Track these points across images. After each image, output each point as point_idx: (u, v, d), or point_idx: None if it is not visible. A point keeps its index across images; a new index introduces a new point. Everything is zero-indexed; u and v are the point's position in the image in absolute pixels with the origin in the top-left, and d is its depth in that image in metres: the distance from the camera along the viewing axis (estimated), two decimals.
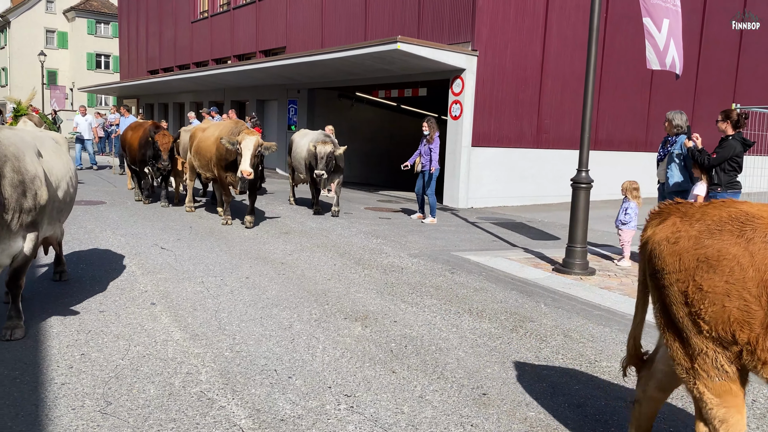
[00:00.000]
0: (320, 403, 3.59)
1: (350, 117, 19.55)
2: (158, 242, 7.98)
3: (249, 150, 8.51)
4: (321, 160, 10.08)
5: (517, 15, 13.86)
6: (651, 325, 2.94)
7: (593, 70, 6.88)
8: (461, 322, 5.14)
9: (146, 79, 27.18)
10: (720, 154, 6.34)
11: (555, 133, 15.13)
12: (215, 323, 4.91)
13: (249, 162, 8.50)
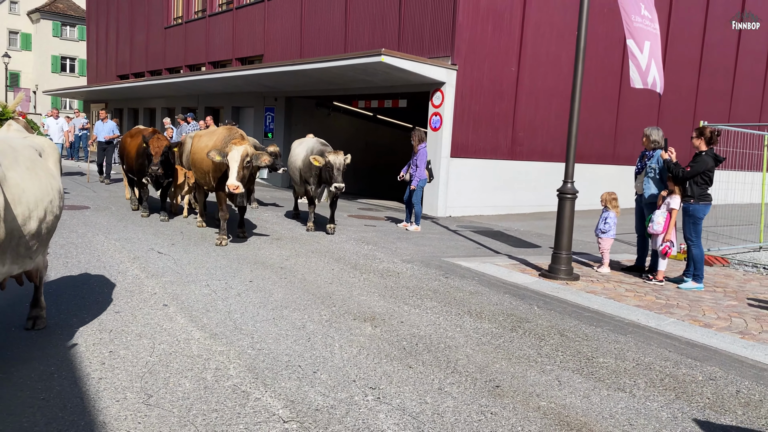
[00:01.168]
0: (349, 394, 3.85)
1: (327, 126, 19.80)
2: (153, 247, 8.11)
3: (236, 162, 7.82)
4: (338, 171, 9.12)
5: (495, 32, 14.38)
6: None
7: (579, 89, 7.33)
8: (463, 323, 5.47)
9: (119, 84, 26.94)
10: (693, 168, 6.85)
11: (528, 145, 15.68)
12: (231, 323, 5.12)
13: (236, 175, 7.81)
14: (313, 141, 10.27)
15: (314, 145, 9.90)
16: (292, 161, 10.40)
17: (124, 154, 11.09)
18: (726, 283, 7.75)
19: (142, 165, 10.14)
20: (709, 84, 20.57)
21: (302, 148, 10.26)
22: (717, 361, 4.79)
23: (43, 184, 4.01)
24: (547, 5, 15.33)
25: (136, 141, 10.53)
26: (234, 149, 7.87)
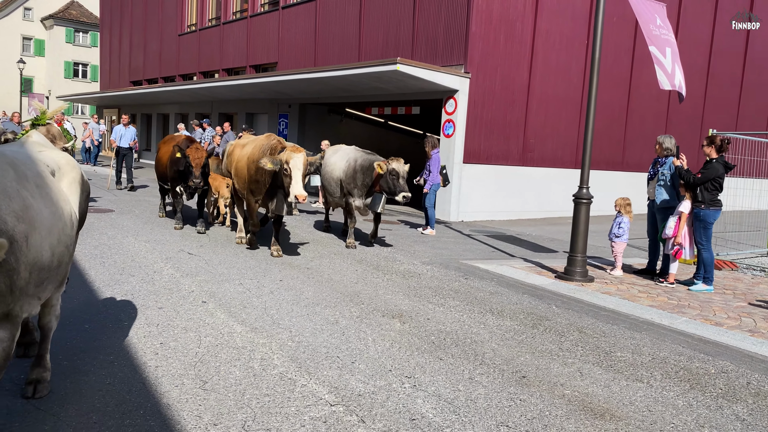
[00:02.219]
0: (387, 382, 4.16)
1: (339, 132, 20.17)
2: (183, 248, 8.44)
3: (299, 170, 7.28)
4: (404, 179, 8.58)
5: (507, 41, 14.72)
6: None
7: (594, 98, 7.63)
8: (486, 320, 5.77)
9: (133, 90, 27.38)
10: (704, 175, 7.14)
11: (539, 152, 15.99)
12: (268, 319, 5.44)
13: (301, 184, 7.31)
14: (352, 149, 9.69)
15: (358, 154, 9.33)
16: (328, 171, 9.67)
17: (158, 161, 10.83)
18: (735, 286, 8.03)
19: (175, 173, 9.74)
20: (716, 92, 20.84)
21: (339, 157, 9.62)
22: (728, 356, 5.08)
23: (55, 208, 3.22)
24: (556, 15, 15.67)
25: (167, 148, 10.26)
26: (296, 156, 7.33)
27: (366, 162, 9.04)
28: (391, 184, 8.62)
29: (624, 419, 3.78)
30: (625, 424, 3.72)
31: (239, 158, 8.67)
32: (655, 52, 8.05)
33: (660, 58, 8.08)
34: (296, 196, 7.22)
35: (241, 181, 8.59)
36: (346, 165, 9.28)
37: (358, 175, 9.05)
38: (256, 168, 7.83)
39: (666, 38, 7.96)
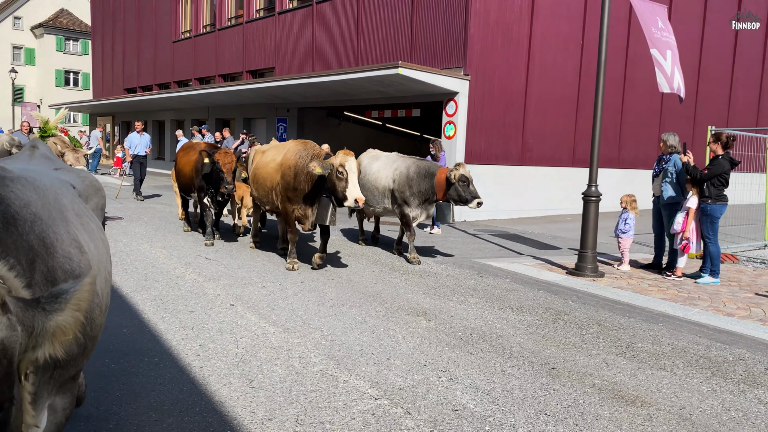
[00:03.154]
0: (424, 376, 4.34)
1: (338, 135, 20.32)
2: (200, 254, 8.58)
3: (355, 173, 7.08)
4: (473, 185, 8.11)
5: (504, 43, 14.95)
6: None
7: (601, 99, 7.86)
8: (508, 316, 5.96)
9: (128, 97, 27.41)
10: (711, 171, 7.38)
11: (537, 152, 16.22)
12: (298, 319, 5.60)
13: (358, 186, 7.11)
14: (395, 156, 9.16)
15: (409, 161, 8.76)
16: (370, 181, 8.90)
17: (179, 171, 10.17)
18: (739, 278, 8.27)
19: (201, 183, 9.24)
20: (708, 89, 21.19)
21: (383, 165, 9.01)
22: (743, 344, 5.30)
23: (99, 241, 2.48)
24: (552, 17, 15.92)
25: (190, 157, 9.74)
26: (350, 159, 7.08)
27: (422, 169, 8.44)
28: (462, 192, 7.99)
29: (654, 405, 3.98)
30: (656, 409, 3.91)
31: (261, 165, 8.31)
32: (656, 55, 8.29)
33: (660, 61, 8.31)
34: (356, 198, 6.96)
35: (263, 189, 8.22)
36: (396, 173, 8.64)
37: (413, 183, 8.43)
38: (295, 174, 7.52)
39: (667, 41, 8.20)
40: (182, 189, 10.30)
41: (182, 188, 10.26)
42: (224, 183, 8.64)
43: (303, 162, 7.43)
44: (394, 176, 8.69)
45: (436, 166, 8.47)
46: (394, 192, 8.69)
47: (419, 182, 8.44)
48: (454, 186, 8.03)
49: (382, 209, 9.03)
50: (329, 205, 7.43)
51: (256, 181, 8.46)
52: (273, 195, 8.02)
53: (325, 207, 7.47)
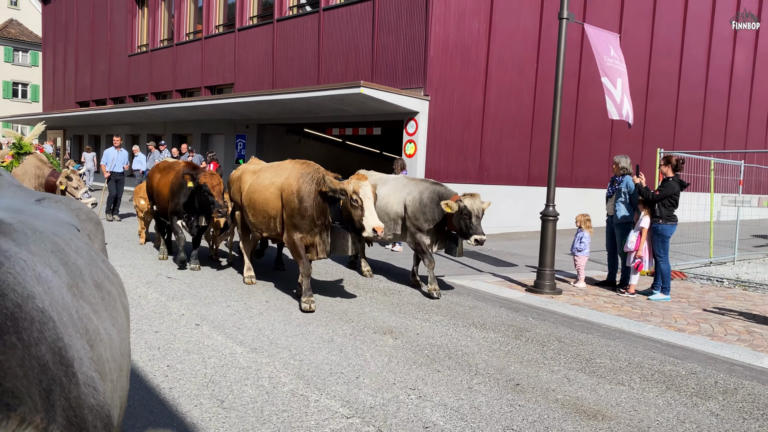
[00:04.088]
0: (393, 394, 4.42)
1: (298, 152, 20.37)
2: (161, 272, 8.48)
3: (371, 199, 6.49)
4: (478, 220, 7.44)
5: (463, 65, 15.31)
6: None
7: (558, 121, 8.16)
8: (472, 333, 6.11)
9: (82, 111, 26.79)
10: (662, 192, 7.74)
11: (494, 170, 16.60)
12: (265, 339, 5.62)
13: (376, 214, 6.52)
14: (403, 179, 8.61)
15: (422, 185, 8.15)
16: (379, 206, 7.84)
17: (156, 193, 9.36)
18: (688, 295, 8.65)
19: (177, 206, 8.62)
20: (655, 110, 22.09)
21: (393, 189, 8.33)
22: (695, 358, 5.57)
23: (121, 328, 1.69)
24: (509, 39, 16.40)
25: (167, 178, 9.06)
26: (364, 185, 6.49)
27: (436, 194, 7.85)
28: (463, 225, 7.38)
29: (614, 419, 4.16)
30: (616, 423, 4.10)
31: (257, 188, 7.45)
32: (607, 84, 8.66)
33: (611, 89, 8.69)
34: (374, 228, 6.33)
35: (262, 215, 7.41)
36: (409, 198, 8.01)
37: (427, 210, 7.82)
38: (300, 200, 6.79)
39: (618, 68, 8.59)
40: (160, 212, 9.46)
41: (160, 211, 9.44)
42: (216, 207, 7.94)
43: (308, 186, 6.77)
44: (406, 201, 8.03)
45: (450, 192, 7.81)
46: (405, 218, 8.04)
47: (433, 209, 7.80)
48: (456, 216, 7.44)
49: (393, 235, 8.39)
50: (347, 235, 6.76)
51: (252, 207, 7.54)
52: (275, 222, 7.25)
53: (343, 236, 6.79)
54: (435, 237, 7.95)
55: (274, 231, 7.38)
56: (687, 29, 23.18)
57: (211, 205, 8.00)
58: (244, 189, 7.76)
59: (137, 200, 11.08)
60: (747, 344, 6.03)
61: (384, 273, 9.24)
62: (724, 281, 9.92)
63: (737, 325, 6.82)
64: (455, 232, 7.65)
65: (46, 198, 2.09)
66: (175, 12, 24.26)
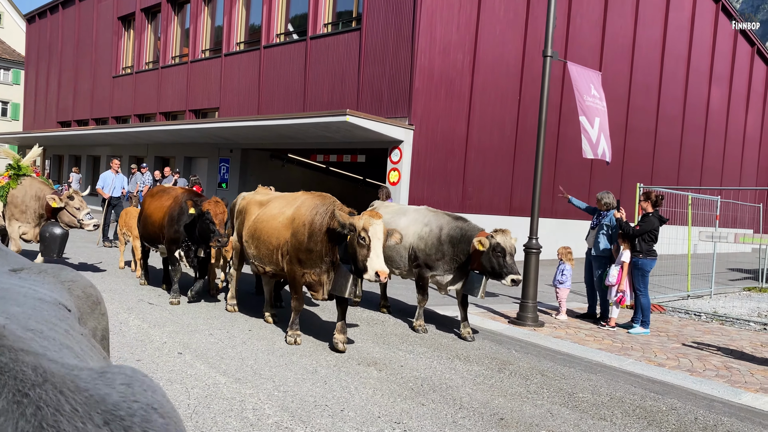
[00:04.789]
0: (378, 428, 4.42)
1: (281, 177, 20.40)
2: (142, 298, 8.40)
3: (380, 240, 5.97)
4: (511, 257, 6.85)
5: (447, 96, 15.56)
6: None
7: (541, 155, 8.29)
8: (456, 366, 6.13)
9: (65, 131, 26.60)
10: (642, 227, 7.90)
11: (477, 199, 16.77)
12: (249, 369, 5.58)
13: (382, 257, 6.00)
14: (425, 210, 8.08)
15: (442, 219, 7.64)
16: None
17: (146, 217, 8.85)
18: (667, 329, 8.77)
19: (175, 234, 8.10)
20: (634, 145, 22.55)
21: (410, 221, 7.84)
22: (675, 394, 5.64)
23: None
24: (492, 72, 16.72)
25: (163, 203, 8.55)
26: (375, 223, 5.98)
27: (457, 232, 7.31)
28: (495, 264, 6.80)
29: None
30: None
31: (264, 219, 7.05)
32: (584, 123, 8.86)
33: (588, 128, 8.89)
34: (378, 272, 5.86)
35: (265, 247, 6.94)
36: (426, 230, 7.54)
37: (445, 247, 7.32)
38: (310, 233, 6.34)
39: (597, 107, 8.80)
40: (146, 238, 8.99)
41: (146, 237, 8.97)
42: (216, 236, 7.47)
43: (321, 219, 6.32)
44: (422, 233, 7.55)
45: (475, 229, 7.27)
46: (417, 251, 7.56)
47: (453, 246, 7.27)
48: (486, 254, 6.83)
49: (408, 271, 7.86)
50: (349, 275, 6.25)
51: (256, 238, 7.07)
52: (278, 255, 6.76)
53: (344, 276, 6.28)
54: (452, 276, 7.40)
55: (279, 265, 6.82)
56: (665, 67, 23.81)
57: (211, 233, 7.52)
58: (249, 220, 7.32)
59: (125, 225, 10.75)
60: (725, 380, 6.13)
61: (366, 303, 9.24)
62: (701, 315, 10.08)
63: (715, 361, 6.93)
64: (479, 271, 7.09)
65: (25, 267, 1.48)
66: (161, 35, 24.36)
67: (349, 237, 6.08)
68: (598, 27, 20.28)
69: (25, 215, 9.24)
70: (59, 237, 9.10)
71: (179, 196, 8.36)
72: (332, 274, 6.40)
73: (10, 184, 9.10)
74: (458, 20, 15.67)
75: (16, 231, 9.26)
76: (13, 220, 9.23)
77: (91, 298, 1.51)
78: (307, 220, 6.43)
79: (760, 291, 14.23)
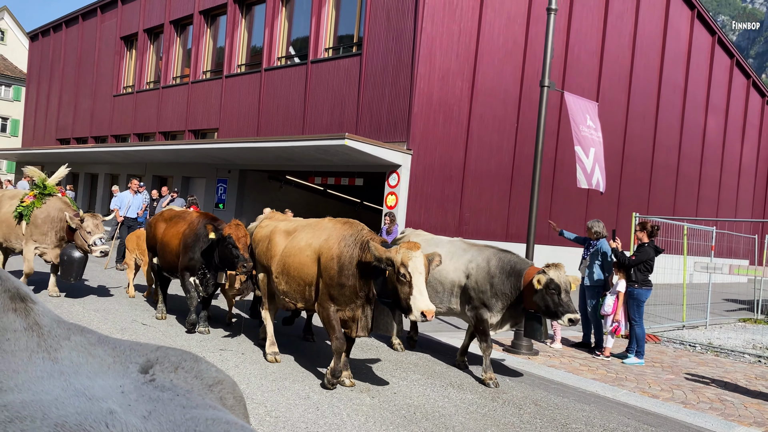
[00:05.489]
0: None
1: (279, 198, 20.44)
2: (136, 318, 8.36)
3: (422, 275, 5.31)
4: (567, 294, 6.21)
5: (445, 121, 15.69)
6: None
7: (538, 182, 8.35)
8: (449, 394, 6.10)
9: (64, 148, 26.72)
10: (638, 257, 7.93)
11: (473, 225, 16.81)
12: None
13: (426, 293, 5.31)
14: (461, 243, 7.47)
15: (487, 252, 6.96)
16: (433, 274, 6.77)
17: (163, 245, 8.28)
18: (661, 359, 8.74)
19: (190, 261, 7.71)
20: (630, 173, 22.69)
21: (447, 253, 7.04)
22: (668, 427, 5.62)
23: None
24: (490, 99, 16.88)
25: (178, 228, 8.10)
26: (415, 256, 5.33)
27: (506, 264, 6.69)
28: (550, 302, 6.16)
29: None
30: None
31: (293, 251, 6.36)
32: (579, 153, 8.94)
33: (582, 158, 8.97)
34: (424, 312, 5.17)
35: (296, 283, 6.32)
36: (472, 266, 6.86)
37: (496, 281, 6.66)
38: (340, 267, 5.77)
39: (592, 138, 8.89)
40: (166, 267, 8.38)
41: (166, 266, 8.36)
42: (240, 261, 6.95)
43: (350, 251, 5.78)
44: (469, 270, 6.87)
45: (525, 262, 6.73)
46: (468, 290, 6.85)
47: (503, 281, 6.65)
48: (540, 292, 6.21)
49: (446, 309, 7.17)
50: (389, 311, 5.72)
51: (286, 273, 6.42)
52: (310, 291, 6.21)
53: (385, 313, 5.75)
54: (504, 315, 6.75)
55: (310, 301, 6.26)
56: (662, 96, 24.07)
57: (235, 258, 7.01)
58: (276, 252, 6.62)
59: (137, 249, 10.05)
60: (719, 413, 6.10)
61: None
62: (696, 346, 10.06)
63: (709, 393, 6.91)
64: (533, 310, 6.41)
65: (157, 362, 1.05)
66: (163, 55, 24.58)
67: (388, 272, 5.43)
68: (596, 56, 20.54)
69: (46, 237, 8.99)
70: (76, 261, 8.76)
71: (194, 220, 7.94)
72: (368, 309, 5.83)
73: (35, 203, 8.87)
74: (457, 48, 15.86)
75: (31, 252, 9.01)
76: (30, 241, 9.01)
77: (241, 402, 1.15)
78: (336, 253, 5.85)
79: (755, 322, 14.22)
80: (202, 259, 7.62)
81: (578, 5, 19.39)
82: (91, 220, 8.65)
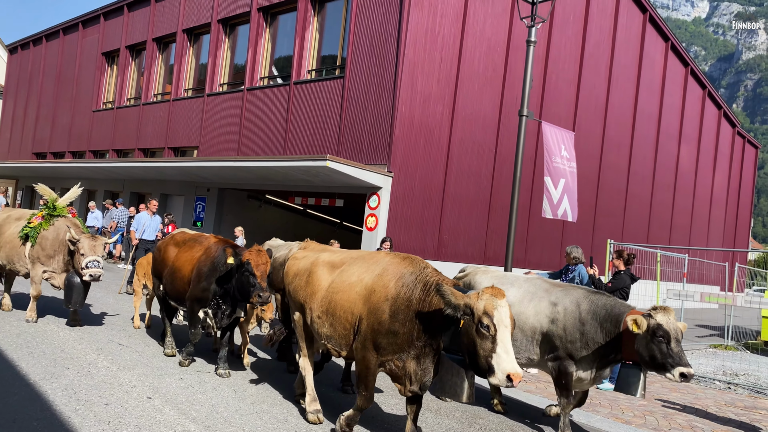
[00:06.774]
0: None
1: (257, 217, 20.43)
2: (112, 338, 8.28)
3: (508, 328, 4.27)
4: (677, 343, 5.24)
5: (426, 145, 15.89)
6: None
7: (515, 207, 8.51)
8: (427, 419, 6.14)
9: (41, 162, 26.39)
10: (614, 284, 8.10)
11: (452, 248, 16.96)
12: (219, 416, 5.53)
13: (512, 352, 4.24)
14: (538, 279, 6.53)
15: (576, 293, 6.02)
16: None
17: (173, 274, 7.51)
18: None
19: (203, 292, 6.95)
20: (605, 201, 23.12)
21: (524, 293, 6.24)
22: None
23: None
24: (470, 124, 17.16)
25: (192, 254, 7.37)
26: (500, 305, 4.30)
27: (601, 308, 5.74)
28: (657, 352, 5.19)
29: None
30: None
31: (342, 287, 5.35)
32: (548, 183, 9.17)
33: (551, 189, 9.19)
34: (510, 375, 4.12)
35: (341, 325, 5.26)
36: (558, 310, 5.93)
37: (587, 329, 5.72)
38: (394, 312, 4.82)
39: (563, 169, 9.13)
40: (174, 296, 7.61)
41: (174, 295, 7.58)
42: (257, 290, 6.36)
43: (408, 292, 4.83)
44: (554, 314, 5.92)
45: (624, 305, 5.75)
46: (552, 338, 5.88)
47: (596, 328, 5.69)
48: (643, 339, 5.27)
49: (525, 360, 6.14)
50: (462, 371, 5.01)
51: (332, 313, 5.35)
52: (353, 334, 5.16)
53: (457, 374, 5.02)
54: (594, 366, 5.79)
55: (349, 347, 5.25)
56: (636, 125, 24.65)
57: (251, 287, 6.38)
58: (318, 287, 5.59)
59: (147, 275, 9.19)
60: None
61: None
62: None
63: (681, 419, 7.05)
64: (632, 361, 5.60)
65: None
66: (145, 72, 24.55)
67: (463, 323, 4.42)
68: (573, 85, 21.01)
69: (52, 260, 8.54)
70: (76, 286, 8.26)
71: (212, 246, 7.19)
72: (427, 362, 4.78)
73: (42, 225, 8.47)
74: (439, 73, 16.13)
75: (39, 275, 8.60)
76: (38, 263, 8.59)
77: None
78: (392, 294, 4.89)
79: (726, 349, 14.50)
80: (218, 287, 6.89)
81: (556, 33, 19.87)
82: (87, 241, 8.09)
